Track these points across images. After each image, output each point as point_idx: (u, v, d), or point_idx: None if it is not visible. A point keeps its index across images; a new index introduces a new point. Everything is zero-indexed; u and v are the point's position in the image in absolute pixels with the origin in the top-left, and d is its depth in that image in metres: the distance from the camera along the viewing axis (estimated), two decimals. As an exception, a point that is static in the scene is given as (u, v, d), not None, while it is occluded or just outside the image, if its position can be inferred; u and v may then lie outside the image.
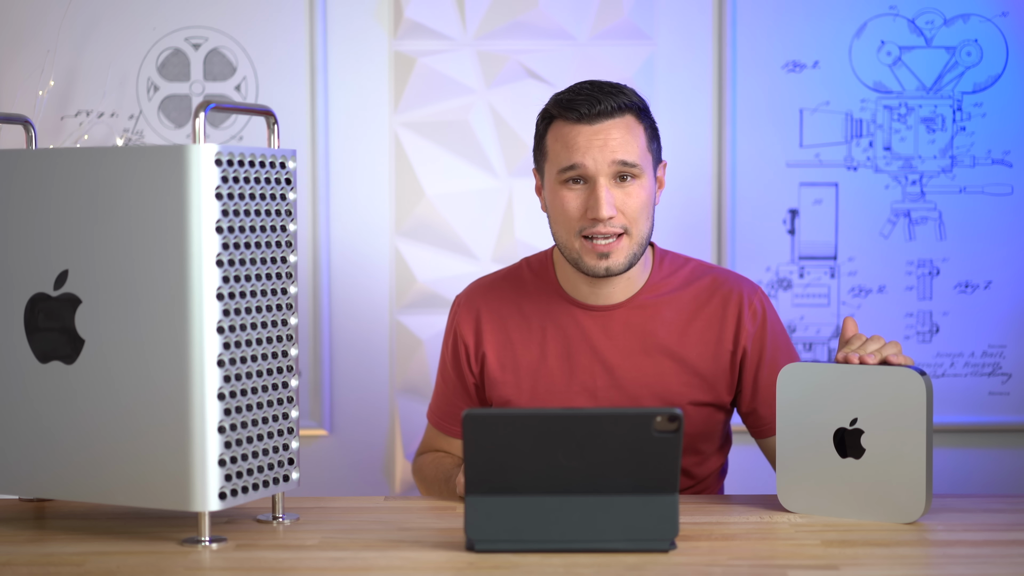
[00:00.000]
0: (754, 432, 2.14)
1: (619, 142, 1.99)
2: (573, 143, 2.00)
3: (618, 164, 1.99)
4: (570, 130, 2.01)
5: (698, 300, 2.10)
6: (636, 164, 2.00)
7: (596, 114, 2.00)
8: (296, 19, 2.76)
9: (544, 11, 2.74)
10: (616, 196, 2.00)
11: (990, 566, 1.57)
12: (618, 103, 2.01)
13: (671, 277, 2.12)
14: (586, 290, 2.10)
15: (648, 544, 1.61)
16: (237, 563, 1.60)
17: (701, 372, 2.08)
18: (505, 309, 2.14)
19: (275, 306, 1.72)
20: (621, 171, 2.00)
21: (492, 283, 2.18)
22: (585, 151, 1.99)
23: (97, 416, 1.69)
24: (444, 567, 1.58)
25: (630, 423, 1.57)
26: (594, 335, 2.09)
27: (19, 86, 2.76)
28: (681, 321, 2.09)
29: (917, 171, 2.75)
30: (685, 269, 2.13)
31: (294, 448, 1.75)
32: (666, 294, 2.10)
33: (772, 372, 2.08)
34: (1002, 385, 2.77)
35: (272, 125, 1.79)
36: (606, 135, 1.99)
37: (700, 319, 2.09)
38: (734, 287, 2.11)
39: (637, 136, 2.02)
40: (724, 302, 2.09)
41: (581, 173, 2.00)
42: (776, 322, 2.13)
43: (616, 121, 2.00)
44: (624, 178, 2.01)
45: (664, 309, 2.09)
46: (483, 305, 2.15)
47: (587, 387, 2.09)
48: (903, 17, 2.74)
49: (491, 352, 2.13)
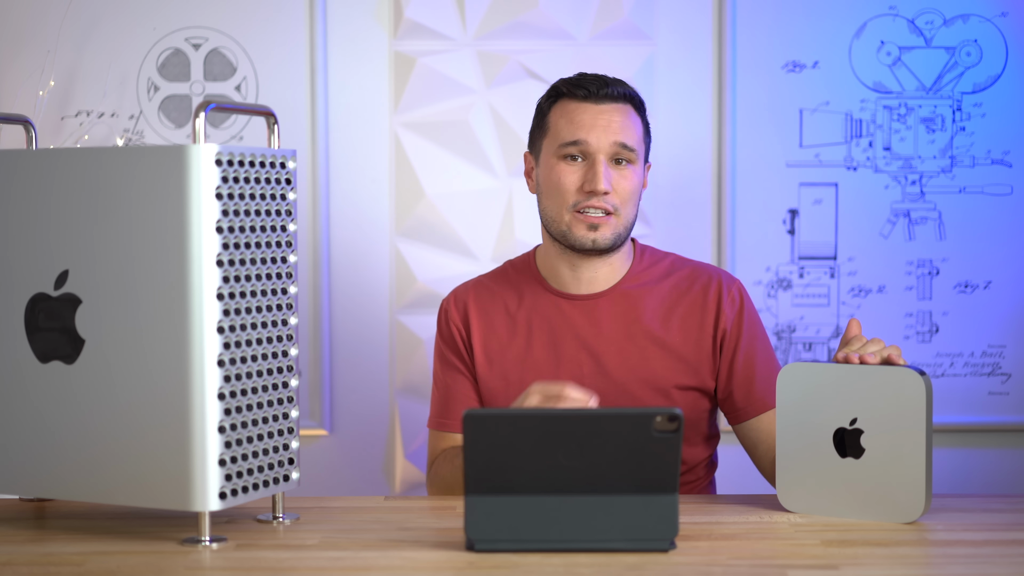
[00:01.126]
0: (731, 418, 2.17)
1: (621, 125, 2.09)
2: (579, 120, 2.09)
3: (618, 146, 2.08)
4: (576, 107, 2.10)
5: (679, 288, 2.17)
6: (634, 149, 2.10)
7: (603, 95, 2.10)
8: (296, 19, 2.76)
9: (544, 11, 2.75)
10: (612, 176, 2.08)
11: (990, 566, 1.57)
12: (622, 91, 2.12)
13: (652, 268, 2.19)
14: (569, 276, 2.16)
15: (648, 544, 1.61)
16: (237, 563, 1.60)
17: (685, 357, 2.13)
18: (490, 305, 2.20)
19: (275, 306, 1.72)
20: (620, 153, 2.09)
21: (477, 283, 2.25)
22: (590, 128, 2.08)
23: (97, 416, 1.69)
24: (444, 567, 1.58)
25: (630, 423, 1.57)
26: (579, 324, 2.15)
27: (19, 86, 2.76)
28: (664, 308, 2.15)
29: (917, 171, 2.75)
30: (665, 261, 2.21)
31: (294, 448, 1.75)
32: (648, 283, 2.17)
33: (748, 357, 2.14)
34: (1002, 385, 2.77)
35: (272, 125, 1.79)
36: (610, 116, 2.09)
37: (682, 305, 2.15)
38: (713, 275, 2.19)
39: (636, 125, 2.12)
40: (704, 289, 2.16)
41: (583, 149, 2.09)
42: (752, 311, 2.19)
43: (619, 106, 2.11)
44: (620, 161, 2.09)
45: (647, 297, 2.16)
46: (470, 302, 2.21)
47: (574, 375, 2.13)
48: (903, 17, 2.74)
49: (478, 346, 2.18)
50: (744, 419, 2.15)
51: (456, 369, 2.20)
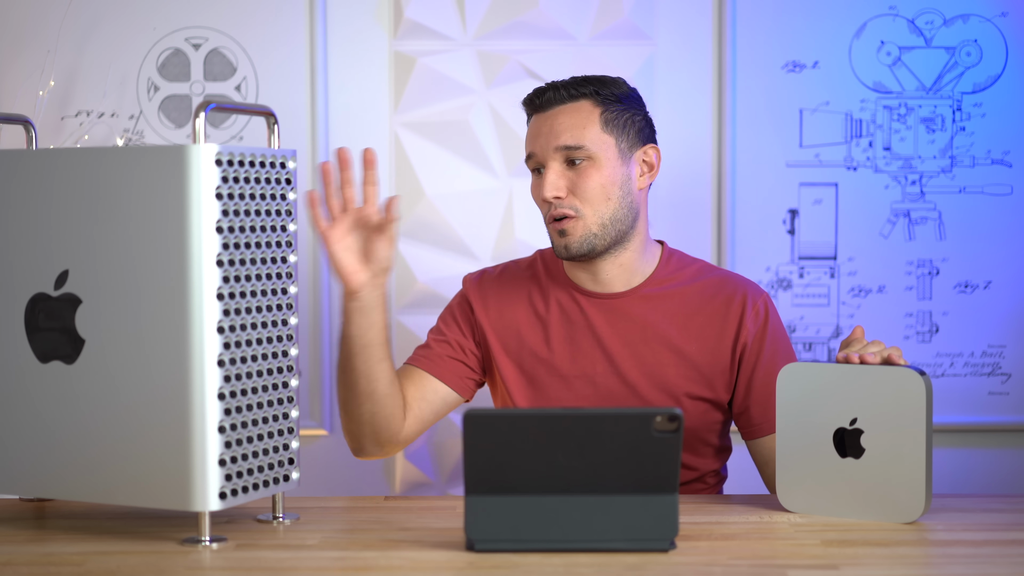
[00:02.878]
0: (744, 433, 2.14)
1: (564, 126, 2.07)
2: (532, 132, 2.11)
3: (562, 148, 2.06)
4: (532, 121, 2.13)
5: (702, 296, 2.13)
6: (581, 147, 2.05)
7: (546, 102, 2.09)
8: (296, 19, 2.76)
9: (544, 11, 2.74)
10: (569, 179, 2.06)
11: (990, 566, 1.57)
12: (571, 92, 2.09)
13: (678, 273, 2.16)
14: (583, 276, 2.16)
15: (648, 544, 1.61)
16: (237, 563, 1.60)
17: (699, 366, 2.10)
18: (513, 294, 2.19)
19: (275, 306, 1.72)
20: (568, 155, 2.07)
21: (504, 269, 2.25)
22: (535, 139, 2.10)
23: (97, 416, 1.69)
24: (444, 567, 1.58)
25: (630, 423, 1.57)
26: (597, 322, 2.13)
27: (19, 86, 2.76)
28: (684, 315, 2.12)
29: (917, 171, 2.75)
30: (692, 267, 2.17)
31: (294, 448, 1.75)
32: (671, 288, 2.14)
33: (768, 373, 2.09)
34: (1002, 385, 2.77)
35: (272, 125, 1.79)
36: (553, 121, 2.08)
37: (703, 314, 2.12)
38: (739, 287, 2.14)
39: (590, 120, 2.07)
40: (728, 300, 2.12)
41: (536, 161, 2.10)
42: (778, 326, 2.14)
43: (566, 107, 2.08)
44: (574, 162, 2.07)
45: (668, 302, 2.12)
46: (491, 288, 2.21)
47: (586, 372, 2.12)
48: (903, 17, 2.74)
49: (492, 333, 2.17)
50: (759, 435, 2.12)
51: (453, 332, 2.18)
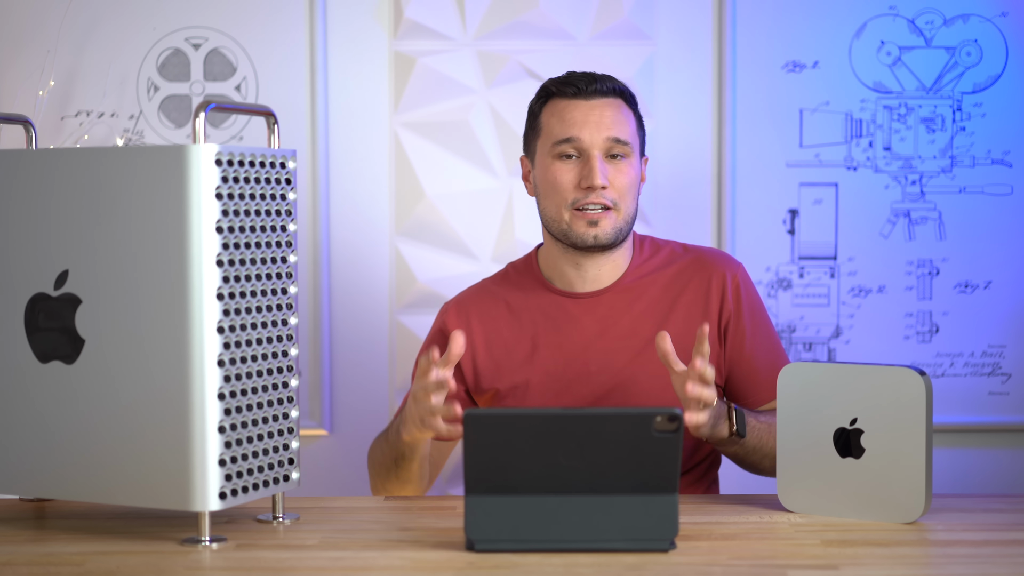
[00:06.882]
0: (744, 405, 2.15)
1: (613, 119, 2.10)
2: (570, 117, 2.10)
3: (612, 140, 2.08)
4: (566, 105, 2.11)
5: (683, 277, 2.16)
6: (628, 143, 2.10)
7: (592, 91, 2.10)
8: (296, 19, 2.76)
9: (544, 11, 2.74)
10: (608, 171, 2.08)
11: (990, 566, 1.57)
12: (611, 85, 2.13)
13: (652, 258, 2.19)
14: (573, 275, 2.15)
15: (648, 544, 1.61)
16: (237, 563, 1.60)
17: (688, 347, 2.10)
18: (495, 310, 2.19)
19: (275, 306, 1.72)
20: (613, 148, 2.09)
21: (480, 288, 2.24)
22: (582, 125, 2.09)
23: (97, 416, 1.69)
24: (444, 567, 1.58)
25: (630, 423, 1.57)
26: (584, 322, 2.14)
27: (19, 86, 2.76)
28: (668, 298, 2.15)
29: (917, 171, 2.75)
30: (664, 250, 2.21)
31: (294, 448, 1.75)
32: (649, 274, 2.17)
33: (753, 343, 2.14)
34: (1002, 385, 2.77)
35: (272, 125, 1.79)
36: (601, 111, 2.10)
37: (686, 294, 2.15)
38: (717, 261, 2.18)
39: (629, 119, 2.12)
40: (708, 277, 2.16)
41: (576, 146, 2.09)
42: (755, 296, 2.18)
43: (610, 101, 2.11)
44: (615, 156, 2.09)
45: (650, 288, 2.15)
46: (472, 309, 2.20)
47: (580, 373, 2.12)
48: (903, 17, 2.74)
49: (481, 351, 2.16)
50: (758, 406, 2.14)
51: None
